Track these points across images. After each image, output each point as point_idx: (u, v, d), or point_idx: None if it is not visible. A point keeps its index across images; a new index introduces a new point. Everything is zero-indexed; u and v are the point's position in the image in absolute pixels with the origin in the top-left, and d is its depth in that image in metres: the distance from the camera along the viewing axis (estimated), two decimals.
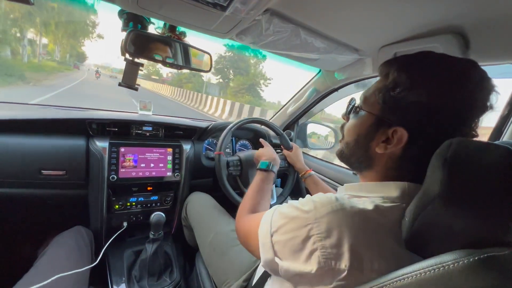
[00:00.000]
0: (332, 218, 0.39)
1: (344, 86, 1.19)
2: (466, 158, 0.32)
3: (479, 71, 0.41)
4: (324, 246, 0.38)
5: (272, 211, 0.50)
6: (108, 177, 1.00)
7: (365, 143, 0.48)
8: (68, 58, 44.95)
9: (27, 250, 1.00)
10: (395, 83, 0.43)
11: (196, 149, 1.23)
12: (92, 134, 1.03)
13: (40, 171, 0.91)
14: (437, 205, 0.34)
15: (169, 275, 1.09)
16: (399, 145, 0.42)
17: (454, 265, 0.30)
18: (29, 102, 1.34)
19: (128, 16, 0.78)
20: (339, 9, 0.62)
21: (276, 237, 0.45)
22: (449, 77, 0.40)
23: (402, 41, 0.71)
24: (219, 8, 0.59)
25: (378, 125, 0.45)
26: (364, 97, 0.50)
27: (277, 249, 0.44)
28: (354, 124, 0.51)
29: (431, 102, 0.39)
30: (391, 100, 0.43)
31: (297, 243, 0.41)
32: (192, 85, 43.53)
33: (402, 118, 0.42)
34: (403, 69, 0.43)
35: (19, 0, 0.56)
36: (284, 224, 0.44)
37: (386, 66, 0.46)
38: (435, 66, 0.42)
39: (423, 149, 0.40)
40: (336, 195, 0.44)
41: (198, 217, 1.05)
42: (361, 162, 0.50)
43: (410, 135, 0.41)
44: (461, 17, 0.56)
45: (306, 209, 0.42)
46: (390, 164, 0.45)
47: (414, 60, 0.44)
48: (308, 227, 0.40)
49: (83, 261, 0.81)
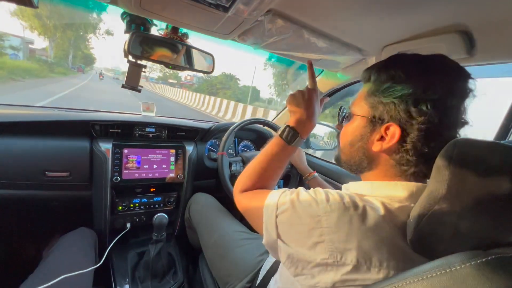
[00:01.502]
0: (342, 213, 0.40)
1: (347, 86, 1.19)
2: (473, 158, 0.32)
3: (451, 60, 0.44)
4: (331, 240, 0.39)
5: (280, 191, 0.50)
6: (112, 178, 1.00)
7: (361, 145, 0.49)
8: (71, 59, 37.42)
9: (32, 250, 1.01)
10: (378, 84, 0.46)
11: (199, 150, 1.24)
12: (95, 135, 1.04)
13: (45, 172, 0.92)
14: (443, 206, 0.33)
15: (173, 276, 1.09)
16: (393, 140, 0.43)
17: (461, 267, 0.29)
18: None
19: (130, 18, 0.78)
20: (342, 8, 0.62)
21: (282, 218, 0.45)
22: (427, 69, 0.43)
23: (406, 41, 0.70)
24: (221, 9, 0.59)
25: (371, 125, 0.47)
26: (353, 104, 0.52)
27: (281, 231, 0.45)
28: (348, 130, 0.52)
29: (415, 94, 0.41)
30: (377, 100, 0.46)
31: (303, 230, 0.42)
32: (232, 92, 35.03)
33: (391, 114, 0.44)
34: (382, 69, 0.46)
35: (23, 3, 0.56)
36: (291, 208, 0.45)
37: (366, 72, 0.50)
38: (411, 62, 0.45)
39: (418, 141, 0.42)
40: (347, 192, 0.45)
41: (201, 218, 1.05)
42: (361, 163, 0.50)
43: (402, 129, 0.43)
44: (466, 16, 0.55)
45: (318, 200, 0.43)
46: (390, 161, 0.46)
47: (390, 61, 0.47)
48: (317, 218, 0.41)
49: (87, 262, 0.82)
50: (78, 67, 39.78)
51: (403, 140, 0.43)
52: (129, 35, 0.76)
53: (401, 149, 0.44)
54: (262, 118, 1.19)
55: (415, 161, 0.43)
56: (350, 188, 0.52)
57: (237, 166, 1.06)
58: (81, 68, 39.86)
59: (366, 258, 0.37)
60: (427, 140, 0.41)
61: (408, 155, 0.43)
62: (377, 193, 0.46)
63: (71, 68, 35.77)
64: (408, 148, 0.43)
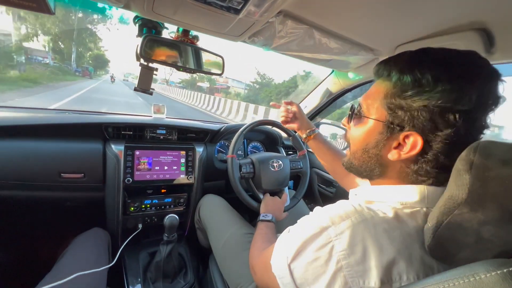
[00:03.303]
0: (353, 232, 0.37)
1: (358, 86, 1.17)
2: (496, 161, 0.30)
3: (484, 61, 0.39)
4: (349, 264, 0.36)
5: (284, 236, 0.47)
6: (124, 179, 1.02)
7: (375, 151, 0.45)
8: (75, 59, 28.64)
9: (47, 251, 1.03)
10: (400, 87, 0.40)
11: (209, 152, 1.24)
12: (108, 137, 1.06)
13: (60, 174, 0.94)
14: (464, 211, 0.32)
15: (183, 277, 1.09)
16: (414, 151, 0.39)
17: (486, 276, 0.28)
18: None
19: (142, 22, 0.79)
20: (354, 8, 0.61)
21: (295, 263, 0.41)
22: (457, 73, 0.37)
23: (420, 40, 0.69)
24: (232, 11, 0.59)
25: (387, 131, 0.43)
26: (366, 104, 0.47)
27: (297, 276, 0.41)
28: (360, 133, 0.48)
29: (443, 103, 0.36)
30: (399, 106, 0.40)
31: (319, 265, 0.38)
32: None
33: (413, 123, 0.39)
34: (405, 69, 0.40)
35: (40, 10, 0.58)
36: (302, 246, 0.41)
37: (385, 68, 0.43)
38: (439, 63, 0.39)
39: (441, 154, 0.38)
40: (352, 204, 0.42)
41: (211, 220, 1.05)
42: (373, 170, 0.47)
43: (424, 139, 0.39)
44: (485, 12, 0.53)
45: (324, 225, 0.40)
46: (406, 169, 0.43)
47: (415, 60, 0.41)
48: (330, 245, 0.38)
49: (101, 262, 0.83)
50: (83, 70, 29.38)
51: (424, 151, 0.39)
52: (141, 38, 0.77)
53: (420, 159, 0.40)
54: (272, 119, 1.19)
55: (435, 173, 0.40)
56: (359, 194, 0.50)
57: (246, 168, 1.06)
58: (88, 71, 29.30)
59: (387, 274, 0.35)
60: (451, 153, 0.37)
61: (428, 166, 0.40)
62: (387, 198, 0.44)
63: (75, 72, 27.69)
64: (429, 160, 0.39)
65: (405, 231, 0.38)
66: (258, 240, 0.73)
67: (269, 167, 1.06)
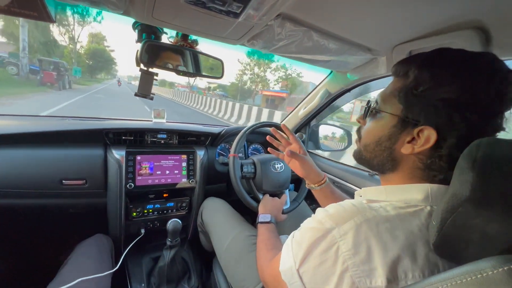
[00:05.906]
0: (357, 232, 0.38)
1: (357, 86, 1.18)
2: (499, 158, 0.31)
3: (502, 63, 0.40)
4: (355, 264, 0.37)
5: (289, 243, 0.47)
6: (126, 185, 1.02)
7: (388, 145, 0.46)
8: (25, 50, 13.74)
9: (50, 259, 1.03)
10: (417, 82, 0.42)
11: (210, 155, 1.24)
12: (109, 143, 1.06)
13: (62, 181, 0.94)
14: (468, 209, 0.32)
15: (187, 281, 1.09)
16: (427, 145, 0.40)
17: (493, 272, 0.28)
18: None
19: (142, 27, 0.80)
20: (352, 9, 0.61)
21: (303, 268, 0.42)
22: (475, 71, 0.39)
23: (418, 39, 0.69)
24: (232, 15, 0.60)
25: (402, 126, 0.44)
26: (382, 99, 0.48)
27: (307, 281, 0.41)
28: (374, 127, 0.49)
29: (460, 98, 0.38)
30: (415, 100, 0.42)
31: (327, 267, 0.39)
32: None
33: (428, 117, 0.41)
34: (424, 67, 0.42)
35: (41, 19, 0.58)
36: (308, 251, 0.41)
37: (403, 65, 0.45)
38: (458, 61, 0.40)
39: (455, 149, 0.39)
40: (353, 203, 0.42)
41: (214, 223, 1.05)
42: (384, 164, 0.48)
43: (439, 134, 0.40)
44: (481, 11, 0.54)
45: (327, 227, 0.40)
46: (418, 164, 0.43)
47: (433, 57, 0.43)
48: (335, 246, 0.38)
49: (104, 268, 0.83)
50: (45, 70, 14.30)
51: (438, 145, 0.40)
52: (140, 44, 0.77)
53: (434, 154, 0.41)
54: (272, 121, 1.19)
55: (447, 167, 0.40)
56: (363, 195, 0.50)
57: (248, 168, 1.06)
58: (60, 73, 14.57)
59: (393, 272, 0.36)
60: (464, 148, 0.37)
61: (441, 162, 0.41)
62: (391, 198, 0.44)
63: (28, 74, 14.33)
64: (442, 154, 0.40)
65: (408, 229, 0.38)
66: (262, 248, 0.71)
67: (270, 168, 1.07)
